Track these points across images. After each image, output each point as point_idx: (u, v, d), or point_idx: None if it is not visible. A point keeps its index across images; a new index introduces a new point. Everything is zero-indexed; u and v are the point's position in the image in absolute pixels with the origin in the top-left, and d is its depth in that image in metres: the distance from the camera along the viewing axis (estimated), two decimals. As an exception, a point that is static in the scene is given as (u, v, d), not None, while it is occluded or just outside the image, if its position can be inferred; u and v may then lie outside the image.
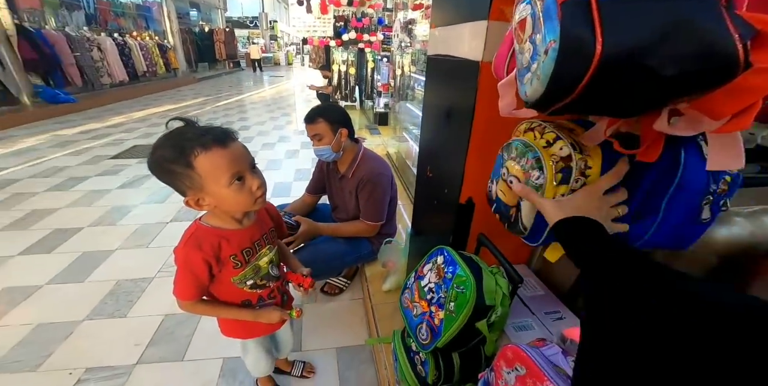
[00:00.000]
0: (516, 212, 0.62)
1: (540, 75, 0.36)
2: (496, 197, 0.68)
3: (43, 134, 4.67)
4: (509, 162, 0.62)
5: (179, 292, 0.80)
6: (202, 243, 0.76)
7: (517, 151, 0.60)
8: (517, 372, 0.61)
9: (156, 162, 0.68)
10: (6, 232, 2.28)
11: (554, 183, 0.53)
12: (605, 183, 0.51)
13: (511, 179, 0.60)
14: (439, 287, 0.81)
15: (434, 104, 1.13)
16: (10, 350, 1.41)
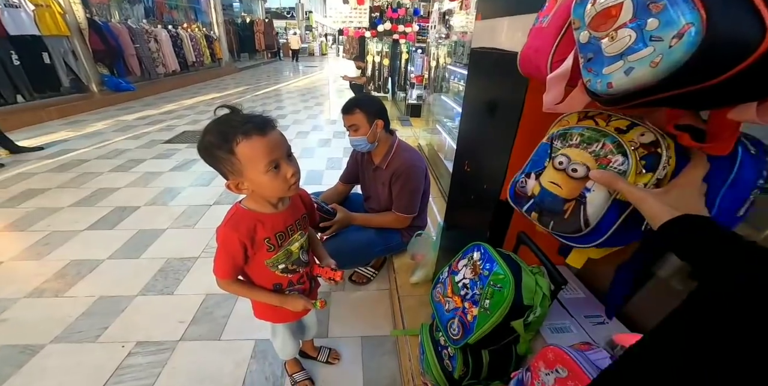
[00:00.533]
0: (575, 207, 0.53)
1: (660, 61, 0.33)
2: (540, 192, 0.58)
3: (108, 119, 4.99)
4: (569, 149, 0.54)
5: (217, 270, 0.83)
6: (239, 225, 0.79)
7: (583, 137, 0.53)
8: (558, 375, 0.58)
9: (203, 146, 0.71)
10: (76, 208, 2.47)
11: (636, 171, 0.47)
12: (703, 171, 0.46)
13: (575, 167, 0.52)
14: (474, 283, 0.76)
15: (476, 97, 1.06)
16: (75, 320, 1.51)
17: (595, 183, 0.50)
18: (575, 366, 0.54)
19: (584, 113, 0.59)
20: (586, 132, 0.53)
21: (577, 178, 0.52)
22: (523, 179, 0.62)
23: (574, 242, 0.56)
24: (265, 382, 1.25)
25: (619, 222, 0.50)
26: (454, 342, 0.82)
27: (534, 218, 0.60)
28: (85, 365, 1.30)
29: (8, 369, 1.26)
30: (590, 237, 0.53)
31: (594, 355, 0.56)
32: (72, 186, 2.81)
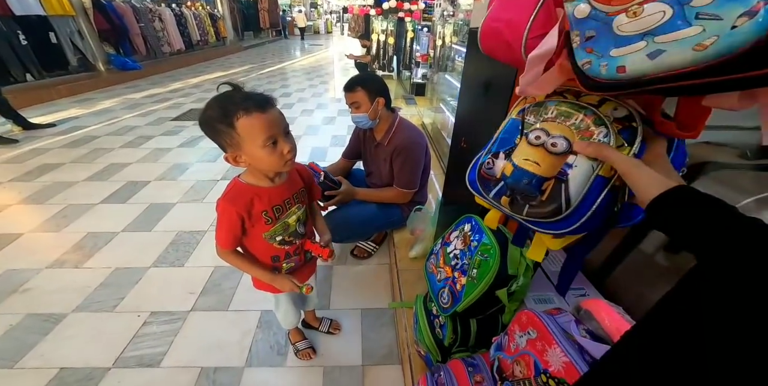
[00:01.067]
0: (555, 186, 0.47)
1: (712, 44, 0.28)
2: (513, 172, 0.51)
3: (116, 97, 4.92)
4: (546, 124, 0.50)
5: (218, 239, 0.85)
6: (237, 199, 0.80)
7: (560, 110, 0.49)
8: (529, 336, 0.59)
9: (205, 120, 0.72)
10: (90, 182, 2.49)
11: (617, 144, 0.45)
12: (664, 146, 0.46)
13: (555, 141, 0.47)
14: (464, 254, 0.76)
15: (473, 76, 1.04)
16: (93, 291, 1.54)
17: (578, 157, 0.45)
18: (543, 327, 0.55)
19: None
20: (562, 105, 0.49)
21: (557, 153, 0.47)
22: (489, 160, 0.55)
23: (549, 228, 0.50)
24: (270, 351, 1.28)
25: (599, 200, 0.46)
26: (444, 311, 0.83)
27: (504, 204, 0.53)
28: (105, 333, 1.34)
29: (35, 337, 1.30)
30: (569, 220, 0.47)
31: (561, 318, 0.57)
32: (85, 161, 2.82)
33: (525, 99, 0.58)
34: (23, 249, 1.79)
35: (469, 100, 1.10)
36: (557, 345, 0.52)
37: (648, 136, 0.45)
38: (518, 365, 0.61)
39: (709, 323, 0.27)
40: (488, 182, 0.55)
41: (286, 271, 0.97)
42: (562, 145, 0.47)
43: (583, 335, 0.52)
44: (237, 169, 0.79)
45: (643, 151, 0.46)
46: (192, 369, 1.20)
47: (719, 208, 0.34)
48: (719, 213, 0.33)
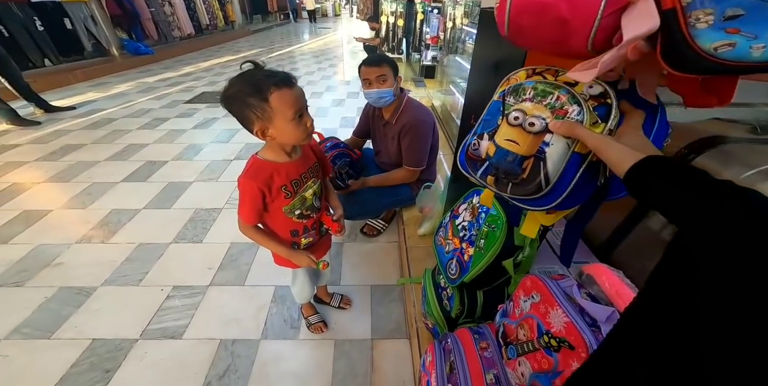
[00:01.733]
0: (534, 164, 0.48)
1: None
2: (496, 152, 0.52)
3: (130, 81, 4.93)
4: (523, 104, 0.50)
5: (241, 214, 0.87)
6: (257, 174, 0.81)
7: (537, 90, 0.49)
8: (533, 300, 0.61)
9: (234, 95, 0.72)
10: (112, 161, 2.55)
11: (591, 121, 0.45)
12: (641, 118, 0.45)
13: (532, 121, 0.48)
14: (472, 225, 0.77)
15: (484, 57, 1.01)
16: (120, 265, 1.59)
17: (554, 136, 0.46)
18: (547, 290, 0.56)
19: (532, 70, 0.56)
20: (539, 85, 0.50)
21: (534, 132, 0.48)
22: (475, 141, 0.56)
23: (533, 205, 0.51)
24: (284, 324, 1.32)
25: (578, 176, 0.47)
26: (451, 281, 0.84)
27: (490, 182, 0.54)
28: (132, 306, 1.38)
29: (69, 309, 1.36)
30: (550, 196, 0.48)
31: (564, 283, 0.58)
32: (105, 142, 2.87)
33: (507, 80, 0.58)
34: (53, 225, 1.87)
35: (478, 80, 1.08)
36: (559, 307, 0.53)
37: (625, 109, 0.46)
38: (522, 329, 0.62)
39: (693, 289, 0.27)
40: (475, 162, 0.56)
41: (305, 246, 0.99)
42: (538, 124, 0.48)
43: (584, 298, 0.53)
44: (249, 150, 0.81)
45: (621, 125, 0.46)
46: (212, 342, 1.25)
47: (688, 174, 0.33)
48: (688, 179, 0.33)
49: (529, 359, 0.58)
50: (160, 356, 1.20)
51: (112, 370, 1.15)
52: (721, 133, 0.68)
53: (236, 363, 1.18)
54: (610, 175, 0.49)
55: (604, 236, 0.87)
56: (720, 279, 0.26)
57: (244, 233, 0.91)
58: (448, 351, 0.79)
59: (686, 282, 0.28)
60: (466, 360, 0.71)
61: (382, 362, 1.20)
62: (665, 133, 0.51)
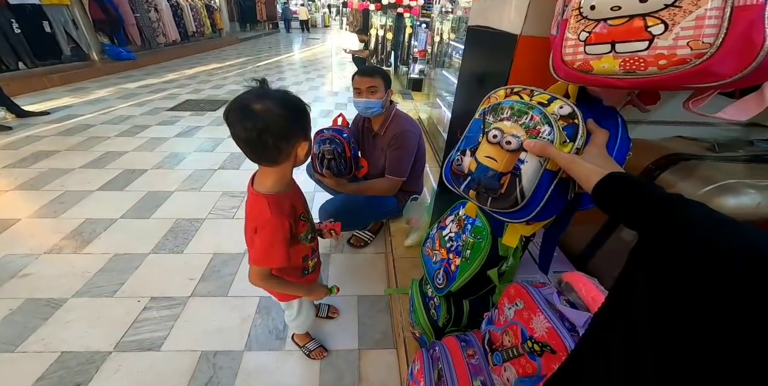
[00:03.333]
0: (510, 180, 0.52)
1: None
2: (477, 168, 0.56)
3: (110, 87, 4.84)
4: (501, 123, 0.55)
5: (274, 258, 0.77)
6: (282, 210, 0.77)
7: (513, 110, 0.54)
8: (517, 307, 0.64)
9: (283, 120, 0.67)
10: (86, 169, 2.47)
11: (561, 141, 0.50)
12: (605, 137, 0.50)
13: (509, 139, 0.52)
14: (458, 236, 0.81)
15: (470, 72, 1.08)
16: (93, 276, 1.54)
17: (528, 154, 0.51)
18: (529, 298, 0.60)
19: (510, 89, 0.60)
20: (516, 105, 0.54)
21: (511, 150, 0.52)
22: (458, 157, 0.60)
23: (511, 217, 0.56)
24: (269, 335, 1.30)
25: (549, 191, 0.51)
26: (439, 291, 0.87)
27: (472, 196, 0.58)
28: (105, 318, 1.34)
29: (35, 321, 1.31)
30: (525, 210, 0.53)
31: (545, 290, 0.62)
32: (81, 149, 2.79)
33: (488, 99, 0.62)
34: (21, 234, 1.79)
35: (465, 94, 1.13)
36: (541, 313, 0.57)
37: (591, 129, 0.51)
38: (507, 335, 0.65)
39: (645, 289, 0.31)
40: (459, 177, 0.60)
41: (312, 268, 0.99)
42: (514, 142, 0.52)
43: (564, 304, 0.57)
44: (234, 160, 0.81)
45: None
46: (192, 353, 1.22)
47: (644, 189, 0.38)
48: (643, 193, 0.37)
49: (514, 364, 0.60)
50: (135, 369, 1.16)
51: (83, 384, 1.11)
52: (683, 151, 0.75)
53: (218, 375, 1.15)
54: (579, 190, 0.53)
55: (580, 247, 0.92)
56: (661, 279, 0.29)
57: (265, 285, 0.83)
58: (436, 359, 0.81)
59: (641, 283, 0.31)
60: (454, 367, 0.73)
61: (369, 372, 1.20)
62: (627, 148, 0.56)
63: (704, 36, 0.35)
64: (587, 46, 0.46)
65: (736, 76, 0.34)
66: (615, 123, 0.55)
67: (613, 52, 0.42)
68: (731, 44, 0.33)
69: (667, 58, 0.38)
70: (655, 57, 0.38)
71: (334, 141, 1.46)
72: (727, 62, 0.34)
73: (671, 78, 0.38)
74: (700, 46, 0.35)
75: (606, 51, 0.43)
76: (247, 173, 2.49)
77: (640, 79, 0.41)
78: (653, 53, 0.38)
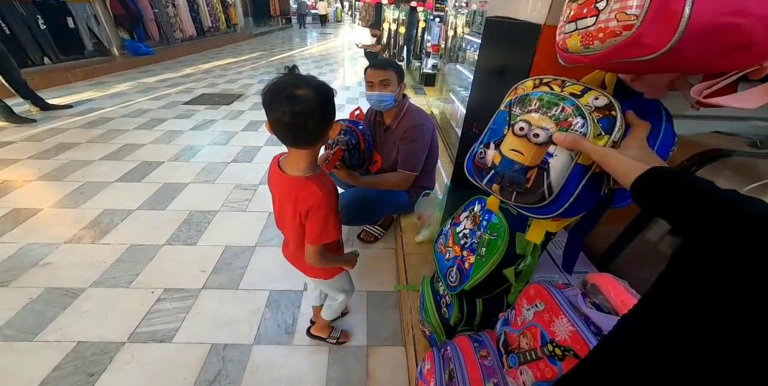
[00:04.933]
0: (538, 174, 0.49)
1: None
2: (501, 161, 0.53)
3: (130, 81, 4.93)
4: (529, 115, 0.51)
5: (331, 233, 0.80)
6: (328, 186, 0.79)
7: (542, 101, 0.50)
8: (536, 308, 0.60)
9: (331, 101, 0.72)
10: (106, 161, 2.52)
11: (595, 133, 0.46)
12: (646, 130, 0.46)
13: (537, 132, 0.48)
14: (473, 233, 0.77)
15: (488, 64, 1.03)
16: (110, 266, 1.56)
17: (557, 147, 0.47)
18: (551, 299, 0.56)
19: (539, 80, 0.56)
20: (545, 96, 0.50)
21: (539, 143, 0.48)
22: (482, 150, 0.57)
23: (537, 213, 0.52)
24: (278, 329, 1.30)
25: (580, 187, 0.48)
26: (451, 289, 0.84)
27: (496, 190, 0.56)
28: (120, 308, 1.36)
29: (54, 310, 1.32)
30: (553, 205, 0.49)
31: (568, 292, 0.58)
32: (101, 141, 2.85)
33: (515, 90, 0.58)
34: (42, 224, 1.83)
35: (481, 88, 1.09)
36: (564, 316, 0.53)
37: (631, 121, 0.47)
38: (524, 337, 0.62)
39: (690, 294, 0.27)
40: (482, 170, 0.58)
41: (341, 240, 1.02)
42: (543, 135, 0.48)
43: (589, 307, 0.53)
44: (247, 153, 0.80)
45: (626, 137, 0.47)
46: (203, 346, 1.22)
47: (693, 184, 0.34)
48: (692, 189, 0.33)
49: (532, 368, 0.57)
50: (148, 360, 1.17)
51: (97, 374, 1.12)
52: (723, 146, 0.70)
53: (227, 368, 1.16)
54: (614, 186, 0.49)
55: (603, 247, 0.87)
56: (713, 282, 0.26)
57: (322, 261, 0.85)
58: (447, 359, 0.78)
59: (687, 286, 0.28)
60: (466, 368, 0.70)
61: (377, 369, 1.18)
62: (671, 144, 0.51)
63: (629, 8, 0.36)
64: (566, 25, 0.47)
65: (666, 46, 0.35)
66: (658, 117, 0.50)
67: (576, 29, 0.44)
68: (653, 14, 0.35)
69: (603, 31, 0.39)
70: (597, 31, 0.40)
71: (350, 132, 1.43)
72: (653, 32, 0.35)
73: (613, 51, 0.39)
74: (625, 18, 0.37)
75: (573, 29, 0.45)
76: (260, 166, 2.51)
77: (593, 54, 0.42)
78: (597, 27, 0.40)
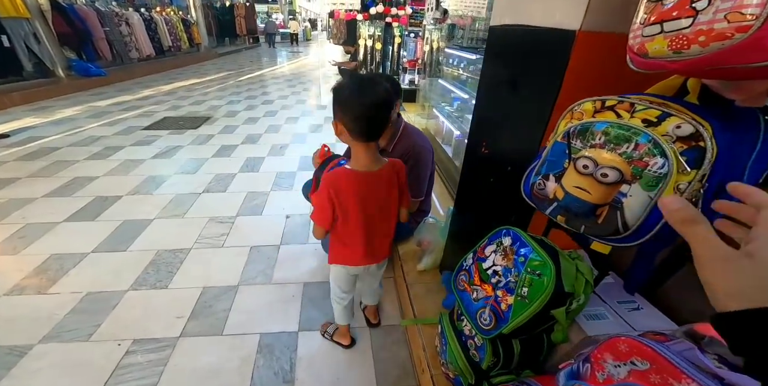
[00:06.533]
0: (609, 212, 0.47)
1: None
2: (565, 197, 0.52)
3: (78, 105, 4.69)
4: (593, 151, 0.48)
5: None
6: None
7: (608, 135, 0.47)
8: (635, 367, 0.51)
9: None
10: (51, 198, 2.30)
11: (679, 170, 0.42)
12: None
13: (605, 172, 0.46)
14: (508, 271, 0.72)
15: (495, 77, 1.01)
16: (64, 318, 1.42)
17: (632, 187, 0.44)
18: (660, 357, 0.48)
19: (600, 102, 0.52)
20: (611, 129, 0.47)
21: (608, 183, 0.46)
22: (540, 181, 0.56)
23: (614, 242, 0.50)
24: (275, 377, 1.21)
25: (661, 224, 0.45)
26: (485, 333, 0.78)
27: (561, 221, 0.55)
28: (81, 366, 1.22)
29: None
30: (630, 238, 0.47)
31: (678, 346, 0.50)
32: (44, 175, 2.62)
33: (571, 113, 0.55)
34: (-27, 276, 1.61)
35: (490, 104, 1.07)
36: (690, 378, 0.44)
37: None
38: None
39: None
40: (543, 201, 0.56)
41: None
42: (612, 175, 0.46)
43: (718, 366, 0.45)
44: (220, 181, 0.74)
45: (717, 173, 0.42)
46: (188, 404, 1.10)
47: None
48: None
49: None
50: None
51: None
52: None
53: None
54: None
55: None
56: None
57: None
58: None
59: None
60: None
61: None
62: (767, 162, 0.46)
63: (745, 7, 0.33)
64: (644, 28, 0.44)
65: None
66: (755, 128, 0.46)
67: (662, 32, 0.41)
68: None
69: (705, 34, 0.36)
70: (696, 33, 0.37)
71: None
72: None
73: (718, 55, 0.36)
74: (740, 18, 0.33)
75: (657, 32, 0.42)
76: (235, 196, 2.39)
77: (688, 59, 0.39)
78: (694, 29, 0.37)
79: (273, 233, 2.01)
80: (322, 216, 0.93)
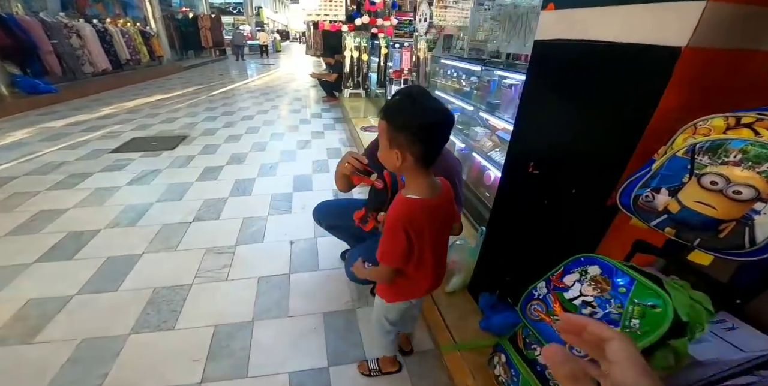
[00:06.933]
0: (736, 226, 0.49)
1: None
2: (681, 211, 0.54)
3: (28, 127, 4.41)
4: (725, 168, 0.50)
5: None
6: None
7: (747, 154, 0.48)
8: None
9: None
10: (14, 237, 2.12)
11: None
12: None
13: (739, 189, 0.48)
14: (605, 302, 0.73)
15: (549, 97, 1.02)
16: (61, 369, 1.30)
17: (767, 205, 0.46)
18: None
19: (735, 119, 0.53)
20: (751, 148, 0.48)
21: (741, 200, 0.48)
22: (648, 193, 0.58)
23: (732, 256, 0.53)
24: None
25: None
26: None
27: (670, 233, 0.58)
28: None
29: None
30: (755, 253, 0.49)
31: None
32: (2, 210, 2.42)
33: (694, 128, 0.57)
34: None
35: (540, 122, 1.08)
36: None
37: None
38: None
39: None
40: (648, 213, 0.59)
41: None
42: (747, 193, 0.47)
43: None
44: (210, 207, 0.72)
45: None
46: None
47: None
48: None
49: None
50: None
51: None
52: None
53: None
54: None
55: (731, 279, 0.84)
56: None
57: None
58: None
59: None
60: None
61: None
62: None
63: None
64: None
65: None
66: None
67: None
68: None
69: None
70: None
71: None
72: None
73: None
74: None
75: None
76: (230, 223, 2.31)
77: None
78: None
79: (279, 261, 1.95)
80: (398, 255, 0.87)
